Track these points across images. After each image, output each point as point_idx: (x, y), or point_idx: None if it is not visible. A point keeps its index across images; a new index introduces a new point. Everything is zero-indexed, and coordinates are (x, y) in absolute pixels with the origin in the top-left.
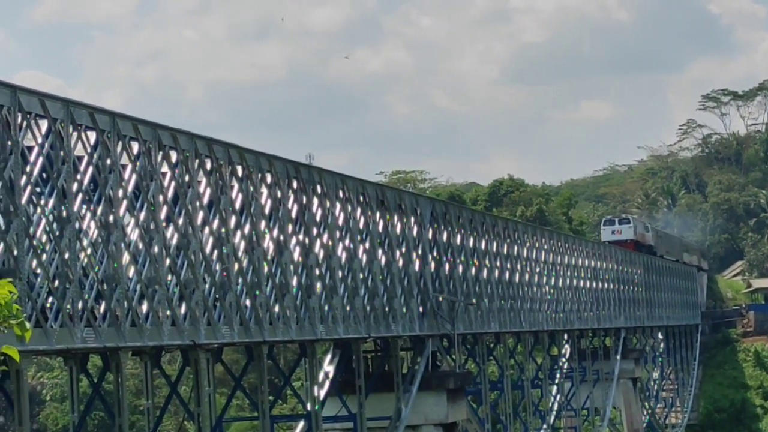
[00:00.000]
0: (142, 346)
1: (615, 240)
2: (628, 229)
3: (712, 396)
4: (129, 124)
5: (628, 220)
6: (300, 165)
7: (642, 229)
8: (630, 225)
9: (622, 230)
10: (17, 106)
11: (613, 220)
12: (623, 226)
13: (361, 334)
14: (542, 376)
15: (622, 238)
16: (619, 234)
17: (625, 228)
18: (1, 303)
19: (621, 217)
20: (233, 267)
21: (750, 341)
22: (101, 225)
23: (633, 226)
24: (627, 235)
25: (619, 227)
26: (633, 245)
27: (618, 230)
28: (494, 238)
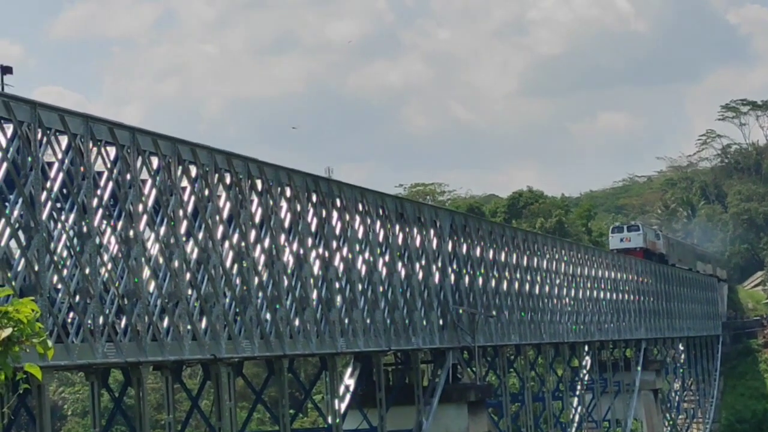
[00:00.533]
0: (163, 360)
1: (624, 248)
2: (638, 236)
3: (734, 407)
4: (149, 139)
5: (637, 227)
6: (319, 178)
7: (653, 236)
8: (639, 232)
9: (631, 238)
10: (37, 122)
11: (622, 228)
12: (632, 233)
13: (382, 347)
14: (563, 388)
15: (631, 246)
16: (628, 242)
17: (635, 235)
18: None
19: (630, 224)
20: (253, 281)
21: None
22: (121, 240)
23: (642, 234)
24: (636, 242)
25: (628, 234)
26: (642, 253)
27: (627, 238)
28: (514, 250)
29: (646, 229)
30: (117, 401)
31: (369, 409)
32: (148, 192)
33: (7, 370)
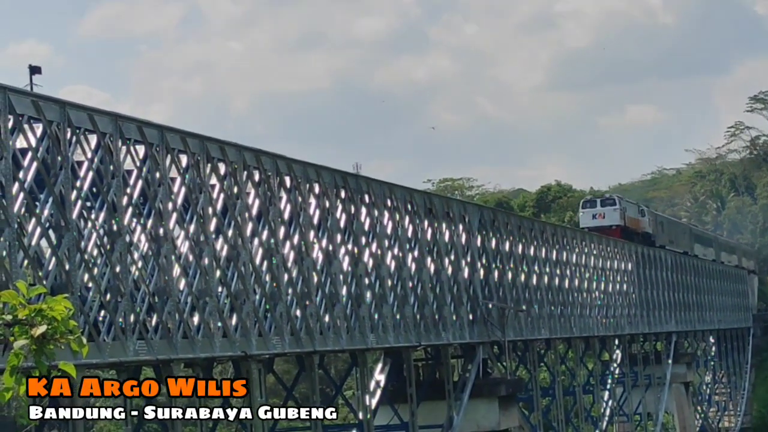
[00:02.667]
0: (194, 357)
1: (596, 226)
2: (614, 212)
3: (766, 399)
4: (177, 137)
5: (613, 200)
6: (347, 174)
7: (634, 212)
8: (616, 207)
9: (605, 213)
10: (66, 122)
11: (595, 201)
12: (607, 208)
13: (412, 342)
14: (594, 382)
15: (605, 224)
16: (602, 218)
17: (610, 211)
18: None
19: (605, 196)
20: (283, 278)
21: None
22: (151, 238)
23: (620, 209)
24: (612, 219)
25: (601, 210)
26: (619, 232)
27: (600, 214)
28: (543, 244)
29: (624, 203)
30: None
31: (400, 404)
32: (178, 190)
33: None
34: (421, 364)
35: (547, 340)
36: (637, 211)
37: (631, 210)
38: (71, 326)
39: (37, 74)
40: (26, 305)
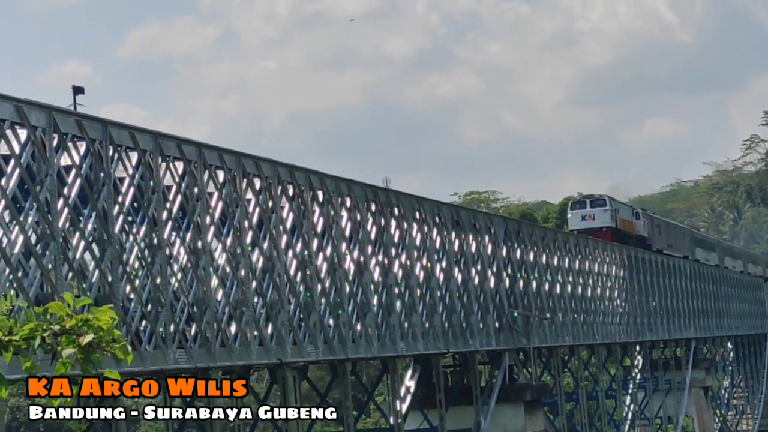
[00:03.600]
0: (232, 365)
1: (586, 228)
2: (604, 213)
3: None
4: (214, 154)
5: (603, 201)
6: (378, 188)
7: (628, 215)
8: (606, 208)
9: (595, 215)
10: (108, 140)
11: (584, 203)
12: (597, 209)
13: (440, 349)
14: (616, 387)
15: (595, 226)
16: (592, 220)
17: (600, 212)
18: (103, 328)
19: (595, 197)
20: (316, 288)
21: None
22: (190, 251)
23: (611, 210)
24: (602, 221)
25: (591, 211)
26: (610, 234)
27: (590, 215)
28: (566, 254)
29: (616, 204)
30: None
31: (429, 409)
32: (215, 204)
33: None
34: (450, 371)
35: (571, 347)
36: (631, 213)
37: (624, 212)
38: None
39: (80, 94)
40: (73, 316)
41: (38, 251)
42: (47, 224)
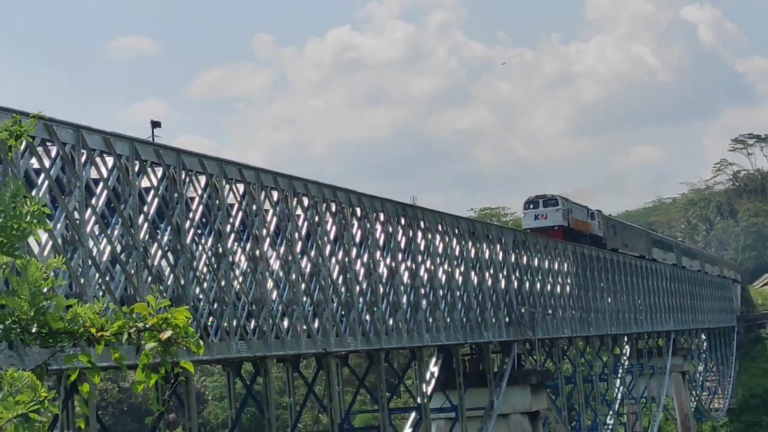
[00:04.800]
0: (284, 354)
1: (539, 227)
2: (556, 212)
3: (748, 385)
4: (270, 177)
5: (555, 201)
6: (406, 205)
7: (583, 215)
8: (558, 207)
9: (547, 214)
10: (181, 166)
11: (537, 202)
12: (549, 209)
13: (459, 340)
14: (607, 372)
15: (547, 224)
16: (544, 219)
17: (552, 211)
18: (180, 326)
19: (547, 197)
20: (355, 289)
21: None
22: (250, 258)
23: (563, 209)
24: (554, 220)
25: (544, 210)
26: (562, 233)
27: (543, 214)
28: (565, 260)
29: (570, 204)
30: (248, 388)
31: (450, 391)
32: (270, 219)
33: (167, 365)
34: (467, 358)
35: (569, 338)
36: (586, 213)
37: (578, 212)
38: (190, 332)
39: (158, 128)
40: (155, 315)
41: (123, 259)
42: (130, 236)
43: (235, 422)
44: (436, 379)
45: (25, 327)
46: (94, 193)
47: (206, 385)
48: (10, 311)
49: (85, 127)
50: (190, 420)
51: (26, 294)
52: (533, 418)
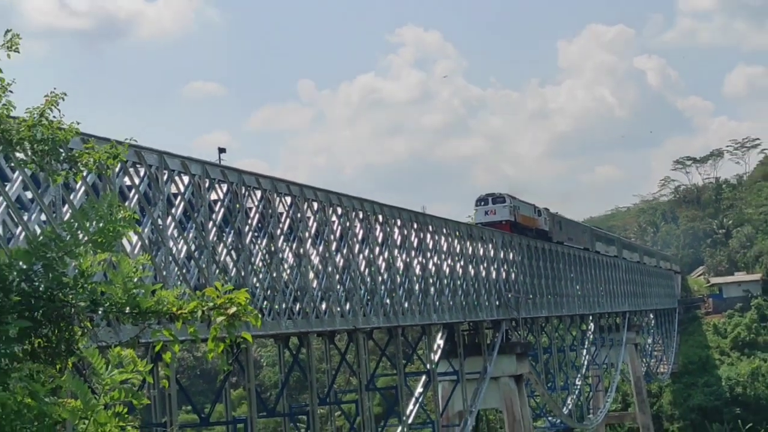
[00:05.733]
0: (323, 330)
1: (488, 221)
2: (503, 208)
3: (687, 354)
4: (311, 191)
5: (503, 198)
6: (418, 213)
7: (530, 212)
8: (505, 204)
9: (496, 210)
10: (241, 183)
11: (487, 200)
12: (497, 205)
13: (460, 319)
14: (576, 344)
15: (496, 219)
16: (493, 214)
17: (500, 208)
18: (242, 304)
19: (496, 195)
20: (378, 279)
21: (710, 318)
22: (296, 255)
23: (509, 206)
24: (502, 215)
25: (493, 207)
26: (509, 226)
27: (492, 210)
28: (541, 257)
29: (517, 202)
30: (294, 357)
31: (452, 358)
32: (311, 224)
33: (232, 336)
34: (466, 333)
35: (546, 317)
36: (533, 211)
37: (525, 209)
38: (250, 309)
39: (223, 153)
40: (221, 296)
41: (196, 256)
42: (201, 238)
43: (284, 384)
44: (441, 350)
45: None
46: (173, 204)
47: (261, 354)
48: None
49: (166, 152)
50: (249, 381)
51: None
52: (518, 380)
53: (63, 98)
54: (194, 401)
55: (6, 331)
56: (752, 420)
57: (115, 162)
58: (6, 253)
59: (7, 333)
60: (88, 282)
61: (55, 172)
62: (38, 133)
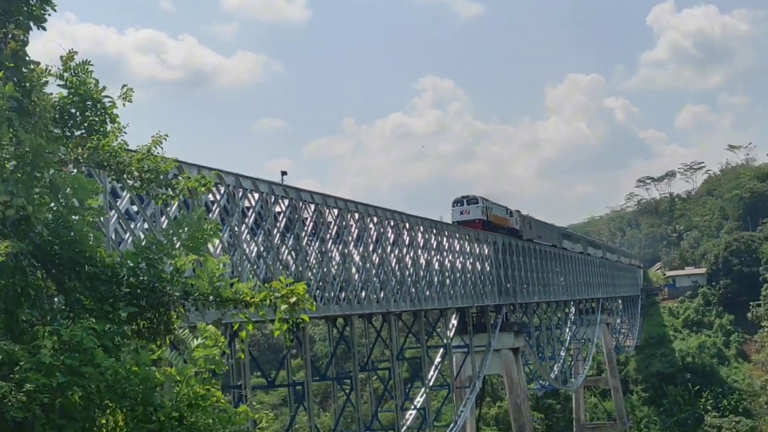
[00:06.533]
0: (362, 313)
1: (463, 220)
2: (476, 208)
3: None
4: (353, 205)
5: (476, 200)
6: (437, 222)
7: (502, 213)
8: (478, 205)
9: (470, 210)
10: (300, 199)
11: (462, 201)
12: (471, 206)
13: (469, 304)
14: (561, 323)
15: (469, 218)
16: (468, 214)
17: (473, 208)
18: (301, 293)
19: (470, 197)
20: (405, 273)
21: (666, 303)
22: (341, 254)
23: (482, 207)
24: (475, 215)
25: (467, 207)
26: (481, 225)
27: (467, 210)
28: (534, 256)
29: (490, 204)
30: (340, 333)
31: (464, 335)
32: (353, 230)
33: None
34: (474, 315)
35: (537, 302)
36: (505, 212)
37: (497, 210)
38: (307, 297)
39: (285, 175)
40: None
41: (264, 255)
42: (268, 242)
43: (332, 354)
44: (455, 328)
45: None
46: (246, 215)
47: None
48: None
49: (241, 174)
50: (305, 353)
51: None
52: (515, 352)
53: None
54: (263, 368)
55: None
56: (699, 383)
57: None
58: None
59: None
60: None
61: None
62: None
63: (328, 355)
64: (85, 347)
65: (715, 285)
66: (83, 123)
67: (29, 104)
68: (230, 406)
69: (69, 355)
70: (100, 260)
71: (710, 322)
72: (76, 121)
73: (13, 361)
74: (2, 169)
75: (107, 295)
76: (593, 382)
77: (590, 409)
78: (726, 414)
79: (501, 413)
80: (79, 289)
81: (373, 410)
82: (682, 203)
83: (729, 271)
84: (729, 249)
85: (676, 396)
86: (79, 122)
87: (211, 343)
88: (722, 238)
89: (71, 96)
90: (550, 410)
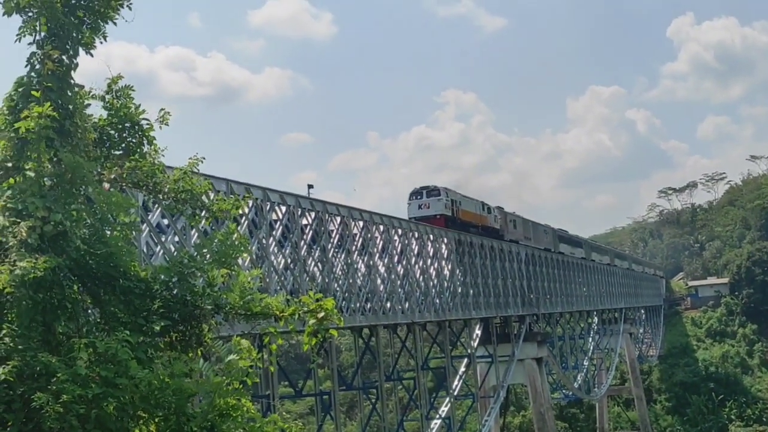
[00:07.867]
0: (387, 323)
1: (421, 216)
2: (437, 202)
3: (670, 341)
4: (378, 217)
5: (438, 191)
6: (461, 233)
7: (476, 208)
8: (440, 197)
9: (430, 204)
10: (325, 211)
11: (421, 193)
12: (432, 199)
13: (493, 314)
14: (584, 333)
15: (429, 213)
16: (427, 208)
17: (434, 201)
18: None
19: (431, 187)
20: (429, 284)
21: (689, 313)
22: (367, 266)
23: (445, 200)
24: (436, 209)
25: (426, 200)
26: (443, 221)
27: (425, 204)
28: (554, 266)
29: (454, 195)
30: (366, 343)
31: (488, 345)
32: (378, 242)
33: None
34: (498, 325)
35: (560, 313)
36: (480, 207)
37: (468, 205)
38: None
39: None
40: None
41: (291, 267)
42: (295, 254)
43: (359, 364)
44: (479, 338)
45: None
46: (274, 227)
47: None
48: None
49: (268, 188)
50: (332, 363)
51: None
52: (539, 362)
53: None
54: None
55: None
56: (723, 392)
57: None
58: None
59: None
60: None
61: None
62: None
63: (354, 365)
64: (120, 359)
65: (738, 295)
66: (121, 144)
67: (71, 125)
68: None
69: (104, 367)
70: (134, 274)
71: (733, 332)
72: (114, 141)
73: (50, 372)
74: (41, 186)
75: (141, 308)
76: (617, 391)
77: (614, 419)
78: (750, 423)
79: (525, 422)
80: (113, 303)
81: (398, 420)
82: (704, 213)
83: (752, 281)
84: (751, 259)
85: (699, 405)
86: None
87: (246, 355)
88: (744, 248)
89: (111, 117)
90: (573, 419)
